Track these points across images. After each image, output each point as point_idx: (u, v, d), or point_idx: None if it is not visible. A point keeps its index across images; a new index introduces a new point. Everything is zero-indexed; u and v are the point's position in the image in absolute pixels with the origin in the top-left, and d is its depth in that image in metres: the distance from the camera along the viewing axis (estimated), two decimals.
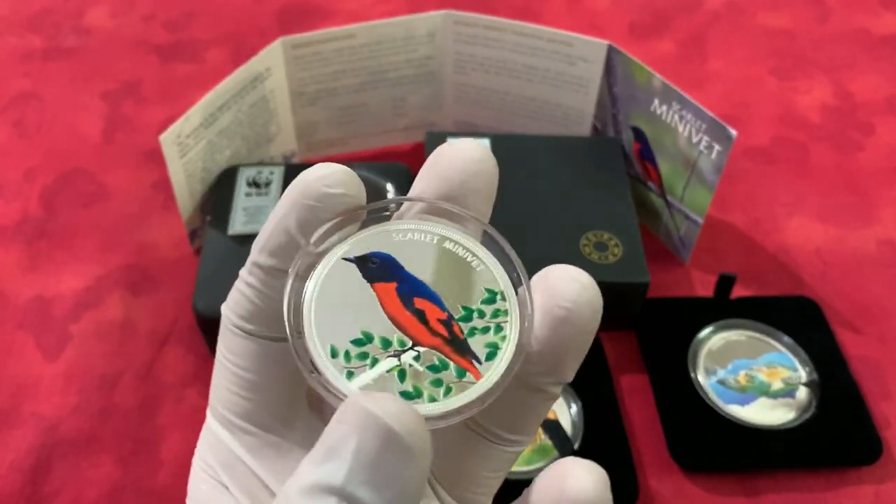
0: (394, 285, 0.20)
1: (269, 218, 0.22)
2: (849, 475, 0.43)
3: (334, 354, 0.20)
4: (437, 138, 0.54)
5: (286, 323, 0.20)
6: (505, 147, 0.54)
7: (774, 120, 0.64)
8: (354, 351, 0.20)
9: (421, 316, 0.20)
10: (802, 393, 0.46)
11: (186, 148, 0.49)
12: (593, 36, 0.53)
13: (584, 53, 0.53)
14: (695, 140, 0.48)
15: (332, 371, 0.19)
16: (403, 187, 0.51)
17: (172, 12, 0.73)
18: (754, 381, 0.46)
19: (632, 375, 0.48)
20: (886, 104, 0.65)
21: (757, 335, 0.49)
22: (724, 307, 0.50)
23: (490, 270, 0.21)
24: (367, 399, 0.17)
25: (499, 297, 0.21)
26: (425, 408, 0.19)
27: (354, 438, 0.17)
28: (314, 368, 0.19)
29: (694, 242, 0.51)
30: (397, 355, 0.20)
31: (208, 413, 0.25)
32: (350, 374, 0.19)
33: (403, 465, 0.17)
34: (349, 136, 0.59)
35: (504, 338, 0.20)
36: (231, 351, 0.23)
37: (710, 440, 0.44)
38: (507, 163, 0.52)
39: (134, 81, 0.66)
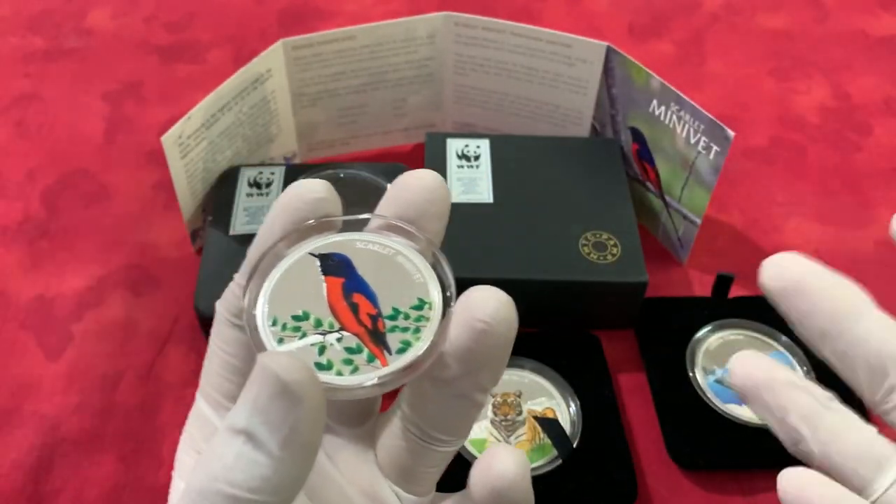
0: (342, 280, 0.24)
1: (261, 225, 0.26)
2: None
3: (274, 324, 0.23)
4: (437, 139, 0.54)
5: (245, 291, 0.24)
6: (504, 148, 0.54)
7: (772, 121, 0.64)
8: (291, 324, 0.23)
9: (354, 308, 0.24)
10: None
11: (188, 148, 0.49)
12: (592, 37, 0.53)
13: (582, 54, 0.53)
14: (693, 141, 0.49)
15: (267, 335, 0.23)
16: None
17: (173, 13, 0.74)
18: None
19: (630, 374, 0.48)
20: (884, 105, 0.66)
21: (755, 334, 0.49)
22: (721, 307, 0.50)
23: (427, 285, 0.25)
24: (265, 355, 0.20)
25: (427, 306, 0.24)
26: (331, 378, 0.23)
27: (255, 387, 0.20)
28: (256, 331, 0.23)
29: (692, 242, 0.52)
30: (324, 334, 0.23)
31: (198, 395, 0.27)
32: (281, 341, 0.23)
33: (292, 409, 0.20)
34: (350, 137, 0.59)
35: (419, 339, 0.23)
36: (224, 341, 0.26)
37: (707, 439, 0.44)
38: (507, 163, 0.53)
39: (135, 82, 0.67)
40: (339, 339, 0.23)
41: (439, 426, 0.25)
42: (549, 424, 0.44)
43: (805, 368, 0.47)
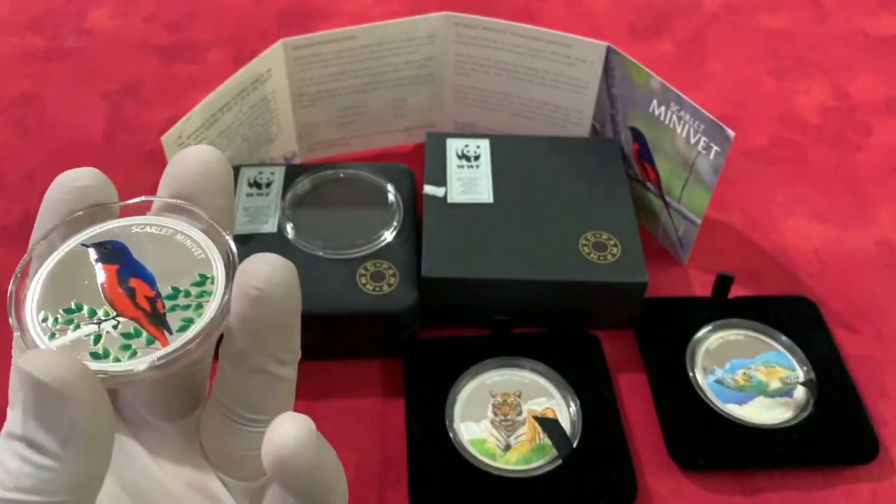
0: (116, 267, 0.24)
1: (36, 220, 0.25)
2: (846, 474, 0.44)
3: (45, 319, 0.23)
4: (437, 139, 0.54)
5: (10, 292, 0.24)
6: (504, 148, 0.54)
7: (773, 121, 0.64)
8: (63, 318, 0.23)
9: (131, 293, 0.24)
10: (800, 392, 0.46)
11: None
12: (592, 37, 0.53)
13: (583, 54, 0.53)
14: (693, 141, 0.49)
15: (37, 332, 0.23)
16: (404, 188, 0.52)
17: (173, 13, 0.74)
18: (752, 380, 0.47)
19: (630, 374, 0.48)
20: (884, 105, 0.66)
21: (755, 335, 0.49)
22: (722, 307, 0.50)
23: (209, 260, 0.24)
24: (22, 359, 0.20)
25: (208, 281, 0.24)
26: (107, 366, 0.22)
27: (21, 393, 0.20)
28: (26, 330, 0.23)
29: (692, 242, 0.52)
30: (98, 323, 0.23)
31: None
32: (52, 336, 0.23)
33: (64, 408, 0.19)
34: (350, 137, 0.59)
35: (201, 315, 0.23)
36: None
37: (707, 439, 0.44)
38: (507, 163, 0.53)
39: (135, 82, 0.67)
40: (115, 327, 0.23)
41: (247, 405, 0.24)
42: (549, 424, 0.44)
43: (805, 368, 0.47)
